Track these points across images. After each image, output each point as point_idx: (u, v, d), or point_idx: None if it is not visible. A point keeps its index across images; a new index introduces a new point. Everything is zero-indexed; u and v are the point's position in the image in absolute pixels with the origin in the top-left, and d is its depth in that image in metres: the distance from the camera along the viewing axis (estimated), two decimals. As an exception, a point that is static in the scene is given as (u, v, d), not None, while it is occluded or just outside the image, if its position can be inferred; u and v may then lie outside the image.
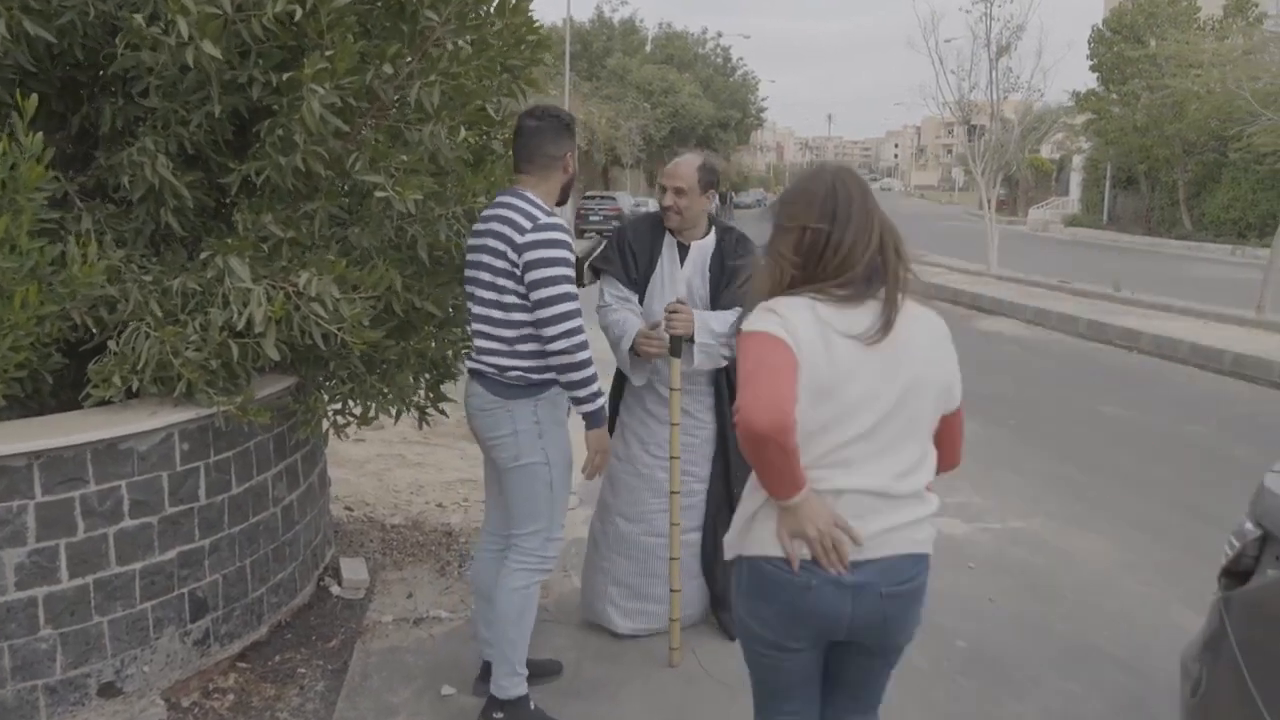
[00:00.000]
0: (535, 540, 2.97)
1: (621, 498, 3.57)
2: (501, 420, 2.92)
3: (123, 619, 2.90)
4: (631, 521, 3.55)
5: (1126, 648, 3.63)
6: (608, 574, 3.59)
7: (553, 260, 2.77)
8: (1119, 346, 10.83)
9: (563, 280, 2.78)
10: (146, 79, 2.99)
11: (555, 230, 2.81)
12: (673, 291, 3.46)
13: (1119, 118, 30.91)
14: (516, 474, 2.94)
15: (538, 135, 2.93)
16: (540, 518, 2.96)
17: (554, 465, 2.94)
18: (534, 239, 2.78)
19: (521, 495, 2.96)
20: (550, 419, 2.93)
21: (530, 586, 2.98)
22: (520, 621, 2.97)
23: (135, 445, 2.86)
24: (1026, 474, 5.91)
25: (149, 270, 3.11)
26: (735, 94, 54.91)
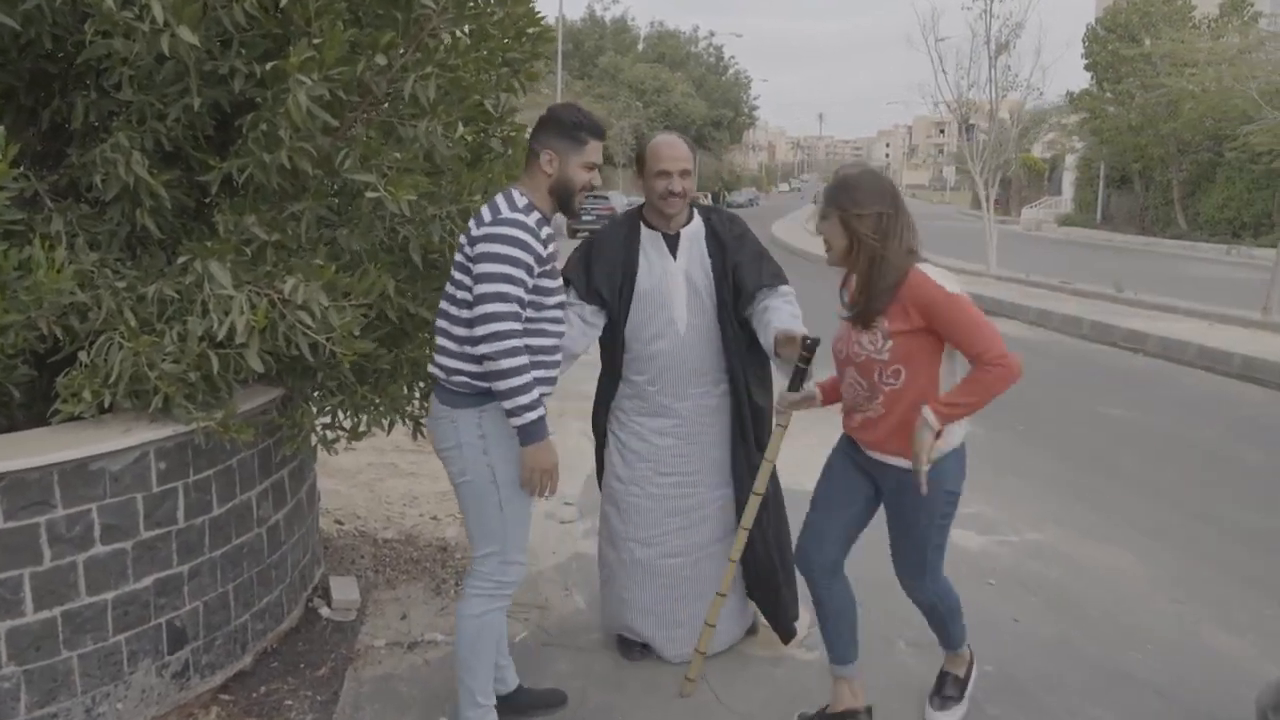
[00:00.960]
0: (489, 564, 2.75)
1: (633, 522, 3.33)
2: (447, 431, 2.71)
3: (94, 653, 2.69)
4: (647, 546, 3.32)
5: (1161, 673, 3.44)
6: (631, 605, 3.36)
7: (498, 257, 2.54)
8: (1124, 348, 10.66)
9: (501, 280, 2.53)
10: (120, 69, 2.77)
11: (512, 227, 2.56)
12: (671, 296, 3.18)
13: (1113, 117, 30.83)
14: (463, 490, 2.74)
15: (533, 129, 2.75)
16: (493, 539, 2.73)
17: (503, 484, 2.69)
18: (486, 232, 2.56)
19: (471, 514, 2.75)
20: (499, 433, 2.66)
21: (488, 614, 2.77)
22: (476, 650, 2.78)
23: (107, 465, 2.65)
24: (1038, 482, 5.73)
25: (123, 276, 2.90)
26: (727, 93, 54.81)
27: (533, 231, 2.59)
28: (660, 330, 3.19)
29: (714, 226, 3.26)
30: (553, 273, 2.74)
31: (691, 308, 3.20)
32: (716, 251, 3.22)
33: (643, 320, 3.19)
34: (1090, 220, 35.69)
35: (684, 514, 3.29)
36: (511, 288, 2.54)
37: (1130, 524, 5.01)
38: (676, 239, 3.23)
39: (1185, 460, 6.27)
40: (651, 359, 3.21)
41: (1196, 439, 6.82)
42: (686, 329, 3.19)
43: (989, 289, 15.02)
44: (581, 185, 2.72)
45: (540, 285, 2.66)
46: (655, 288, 3.18)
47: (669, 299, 3.18)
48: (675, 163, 3.10)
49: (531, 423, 2.57)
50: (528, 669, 3.32)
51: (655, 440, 3.26)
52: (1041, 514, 5.14)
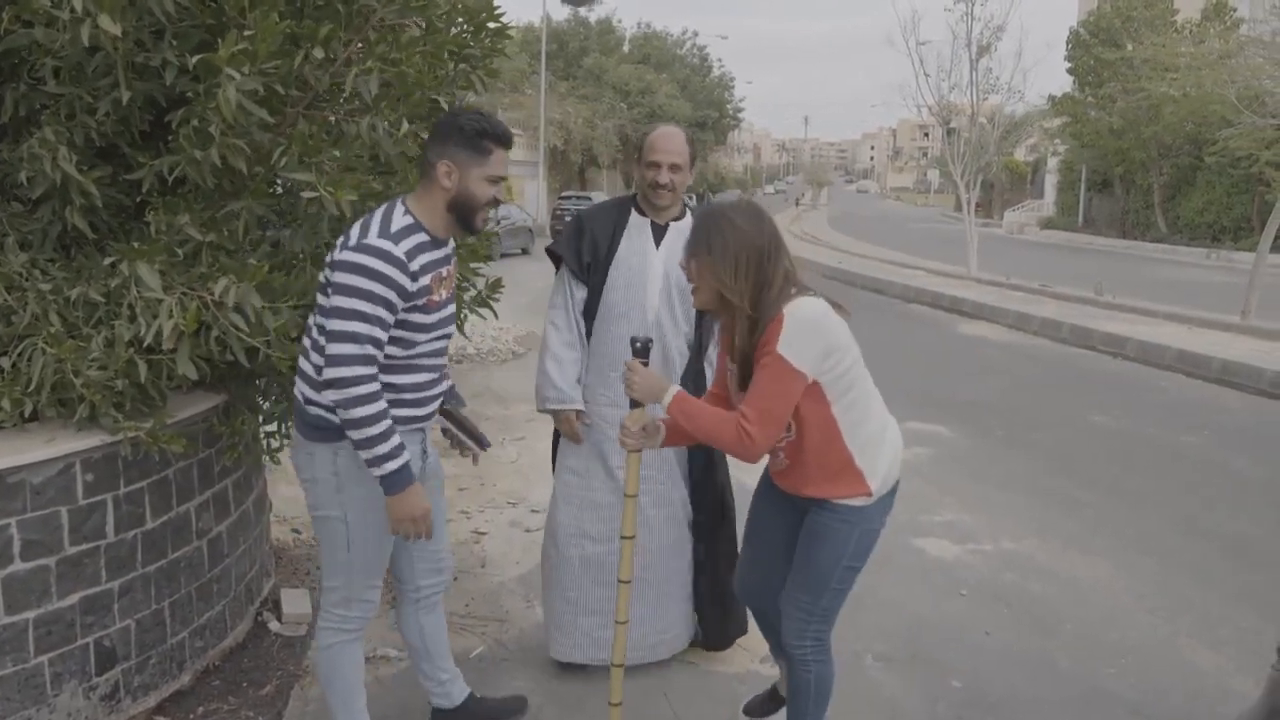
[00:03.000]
0: (334, 597, 2.57)
1: (587, 516, 3.21)
2: (303, 462, 2.49)
3: (13, 675, 2.54)
4: (600, 542, 3.20)
5: (1138, 689, 3.34)
6: (577, 604, 3.24)
7: (352, 290, 2.24)
8: (1104, 352, 10.61)
9: (354, 317, 2.23)
10: (45, 61, 2.63)
11: (372, 257, 2.24)
12: (646, 277, 3.11)
13: (1095, 120, 30.92)
14: (316, 524, 2.55)
15: (428, 136, 2.46)
16: (337, 576, 2.54)
17: (353, 525, 2.46)
18: (344, 259, 2.27)
19: (323, 548, 2.57)
20: (355, 471, 2.39)
21: (335, 646, 2.59)
22: (334, 682, 2.62)
23: (28, 477, 2.50)
24: (1016, 489, 5.63)
25: (51, 277, 2.76)
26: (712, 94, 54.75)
27: (398, 263, 2.27)
28: (628, 312, 3.12)
29: None
30: (428, 306, 2.40)
31: (664, 299, 3.14)
32: None
33: (614, 299, 3.13)
34: (1072, 223, 35.82)
35: (640, 514, 3.17)
36: (365, 326, 2.24)
37: (1109, 533, 4.92)
38: (664, 230, 3.16)
39: (1167, 467, 6.19)
40: (614, 341, 3.12)
41: (1178, 445, 6.75)
42: (655, 317, 3.12)
43: (970, 291, 14.99)
44: (485, 200, 2.41)
45: (409, 321, 2.36)
46: (633, 270, 3.13)
47: (644, 283, 3.13)
48: (666, 155, 3.04)
49: (392, 473, 2.31)
50: (483, 685, 3.18)
51: (611, 432, 3.13)
52: (1018, 522, 5.05)
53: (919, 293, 15.45)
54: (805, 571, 2.54)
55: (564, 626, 3.27)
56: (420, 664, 2.89)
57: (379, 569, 2.60)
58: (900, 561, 4.48)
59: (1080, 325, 11.45)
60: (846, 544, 2.48)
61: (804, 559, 2.54)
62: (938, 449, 6.50)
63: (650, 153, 3.08)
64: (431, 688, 2.92)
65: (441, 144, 2.37)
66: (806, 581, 2.54)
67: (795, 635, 2.57)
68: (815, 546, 2.51)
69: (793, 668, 2.61)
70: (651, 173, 3.08)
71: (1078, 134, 32.36)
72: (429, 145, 2.41)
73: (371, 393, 2.27)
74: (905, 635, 3.71)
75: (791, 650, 2.59)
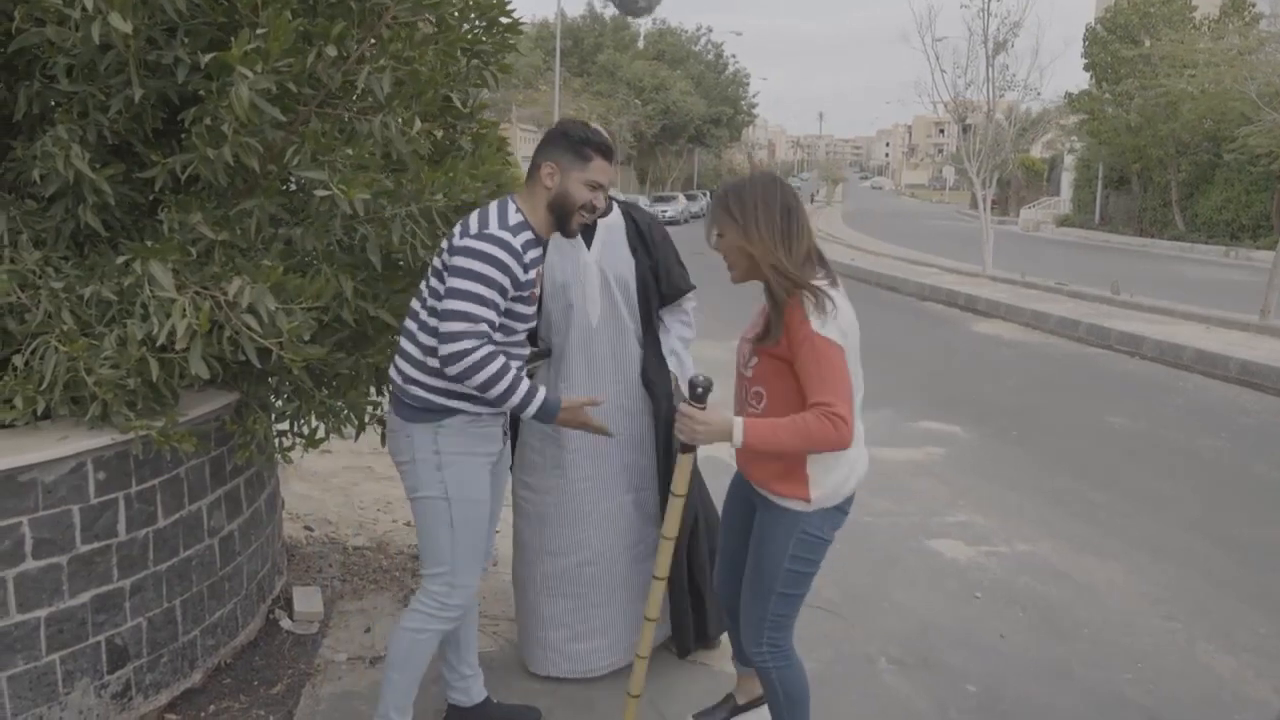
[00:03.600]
0: (437, 584, 2.62)
1: (544, 533, 3.18)
2: (402, 445, 2.60)
3: (25, 674, 2.54)
4: (562, 555, 3.17)
5: (1153, 695, 3.30)
6: (543, 619, 3.22)
7: (472, 274, 2.40)
8: (1120, 351, 10.52)
9: (472, 299, 2.39)
10: (57, 59, 2.63)
11: (494, 245, 2.42)
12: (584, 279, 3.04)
13: (1112, 117, 30.67)
14: (416, 507, 2.62)
15: (539, 143, 2.62)
16: (442, 560, 2.61)
17: (455, 501, 2.57)
18: (466, 245, 2.44)
19: (423, 532, 2.64)
20: (456, 450, 2.56)
21: (424, 632, 2.65)
22: (405, 665, 2.67)
23: (40, 476, 2.50)
24: (1031, 490, 5.59)
25: (63, 275, 2.75)
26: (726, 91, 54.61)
27: (516, 253, 2.45)
28: (570, 321, 3.07)
29: (637, 224, 3.15)
30: (529, 299, 2.59)
31: (605, 299, 3.08)
32: (640, 249, 3.13)
33: (550, 311, 3.06)
34: (1088, 221, 35.55)
35: (599, 517, 3.15)
36: (479, 308, 2.40)
37: (1126, 536, 4.87)
38: (592, 229, 3.09)
39: (1185, 469, 6.13)
40: (568, 355, 3.08)
41: (1196, 447, 6.68)
42: (600, 322, 3.08)
43: (984, 290, 14.89)
44: (582, 203, 2.56)
45: (513, 310, 2.53)
46: (568, 281, 3.06)
47: (582, 290, 3.06)
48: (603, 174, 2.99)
49: (542, 407, 2.50)
50: (492, 685, 3.17)
51: (566, 443, 3.09)
52: (1033, 524, 5.01)
53: (933, 290, 15.37)
54: (753, 576, 2.52)
55: (535, 641, 3.26)
56: (447, 654, 2.90)
57: (480, 551, 2.67)
58: (913, 563, 4.45)
59: (1097, 324, 11.36)
60: (785, 546, 2.43)
61: (752, 563, 2.52)
62: (951, 449, 6.46)
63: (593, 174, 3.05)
64: (453, 681, 2.93)
65: (548, 148, 2.56)
66: (755, 586, 2.51)
67: (752, 641, 2.55)
68: (759, 549, 2.49)
69: (760, 675, 2.61)
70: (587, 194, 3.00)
71: (1095, 131, 32.10)
72: (537, 151, 2.58)
73: (487, 354, 2.40)
74: (918, 638, 3.68)
75: (751, 656, 2.57)
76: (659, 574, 2.60)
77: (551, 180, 2.54)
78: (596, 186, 2.57)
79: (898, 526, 4.94)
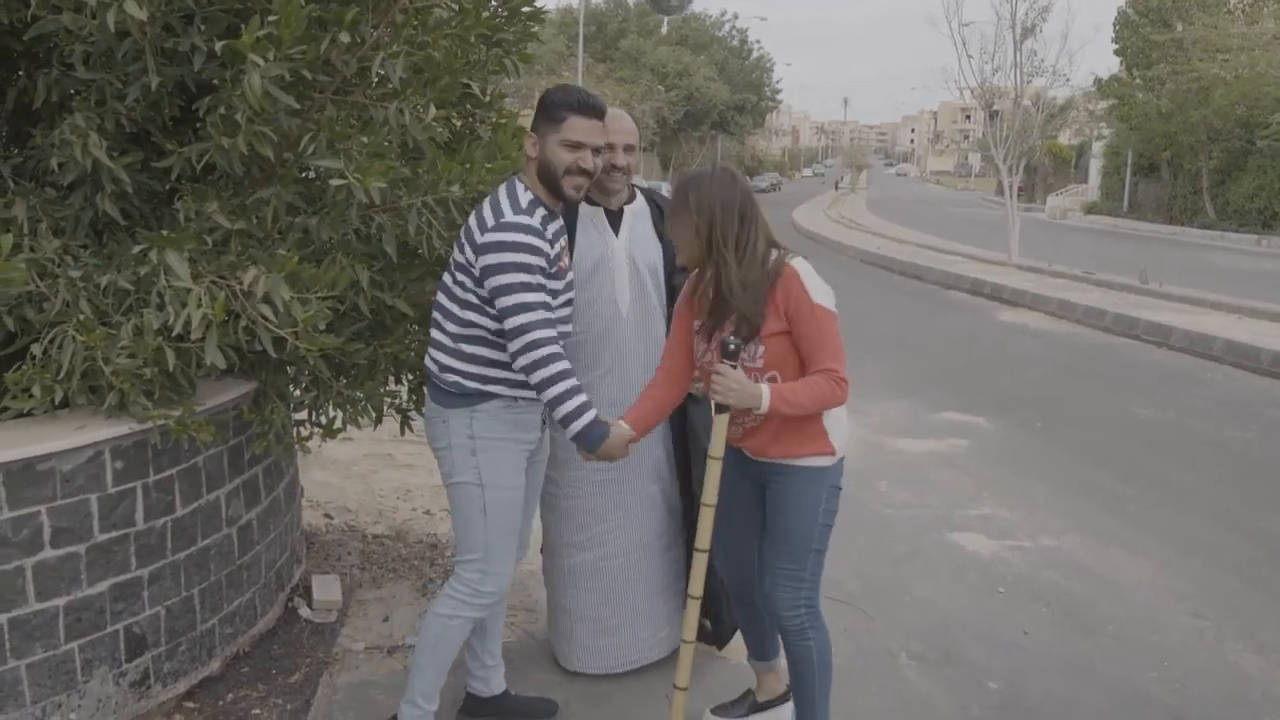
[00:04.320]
0: (471, 570, 2.63)
1: (568, 526, 3.16)
2: (439, 431, 2.61)
3: (44, 662, 2.55)
4: (585, 550, 3.15)
5: (1179, 694, 3.25)
6: (571, 613, 3.21)
7: (510, 266, 2.41)
8: (1148, 342, 10.37)
9: (521, 289, 2.41)
10: (74, 46, 2.62)
11: (517, 232, 2.43)
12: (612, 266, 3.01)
13: (1142, 103, 30.20)
14: (451, 493, 2.64)
15: None
16: (476, 546, 2.62)
17: (489, 487, 2.58)
18: (490, 240, 2.44)
19: (457, 518, 2.64)
20: (491, 435, 2.58)
21: (455, 619, 2.65)
22: (435, 650, 2.67)
23: (57, 465, 2.51)
24: (1056, 483, 5.51)
25: (81, 264, 2.75)
26: (750, 77, 54.26)
27: (537, 231, 2.46)
28: (600, 311, 3.03)
29: (661, 210, 3.11)
30: (559, 273, 2.58)
31: (634, 288, 3.05)
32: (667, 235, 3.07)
33: (585, 301, 3.02)
34: (1117, 208, 35.08)
35: (625, 510, 3.12)
36: (532, 295, 2.41)
37: (1152, 530, 4.79)
38: (619, 216, 3.07)
39: (1213, 462, 6.02)
40: (593, 342, 3.04)
41: (1226, 440, 6.57)
42: (629, 310, 3.04)
43: (1010, 279, 14.73)
44: (564, 166, 2.51)
45: (548, 287, 2.52)
46: (598, 266, 3.02)
47: (611, 278, 3.03)
48: (620, 136, 2.94)
49: (579, 433, 2.46)
50: (508, 676, 3.16)
51: None
52: (1058, 518, 4.94)
53: (958, 279, 15.21)
54: (784, 541, 2.58)
55: (564, 634, 3.25)
56: (472, 642, 2.90)
57: (513, 536, 2.67)
58: (935, 556, 4.40)
59: (1124, 314, 11.20)
60: (818, 504, 2.55)
61: (780, 529, 2.58)
62: (975, 440, 6.38)
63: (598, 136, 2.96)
64: (474, 669, 2.93)
65: (534, 120, 2.55)
66: (789, 550, 2.58)
67: (788, 606, 2.59)
68: (788, 514, 2.56)
69: (791, 643, 2.63)
70: (607, 155, 2.93)
71: (1124, 117, 31.61)
72: (534, 121, 2.56)
73: (554, 353, 2.42)
74: (939, 633, 3.64)
75: (787, 623, 2.61)
76: (701, 545, 2.57)
77: (534, 150, 2.53)
78: (577, 145, 2.51)
79: (919, 519, 4.88)
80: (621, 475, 3.10)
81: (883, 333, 10.20)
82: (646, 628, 3.22)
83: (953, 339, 10.44)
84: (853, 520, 4.70)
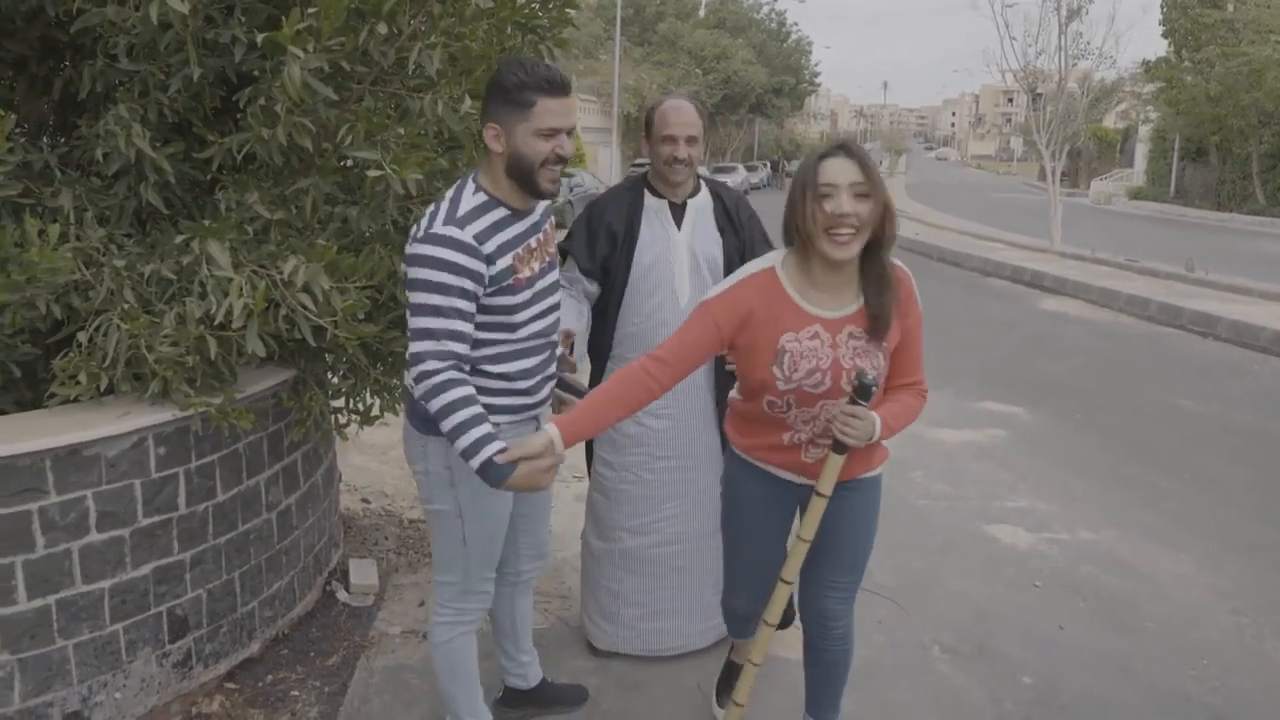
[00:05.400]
0: (449, 591, 2.53)
1: (624, 510, 3.17)
2: (417, 453, 2.41)
3: (90, 642, 2.62)
4: (640, 535, 3.17)
5: (1218, 693, 3.20)
6: (620, 596, 3.23)
7: (416, 283, 2.15)
8: (1193, 332, 10.19)
9: (428, 313, 2.14)
10: (118, 38, 2.66)
11: (433, 245, 2.13)
12: (673, 260, 3.01)
13: (1191, 86, 29.54)
14: (429, 515, 2.50)
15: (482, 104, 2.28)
16: (454, 569, 2.50)
17: (468, 519, 2.41)
18: (411, 252, 2.18)
19: (437, 542, 2.52)
20: (469, 469, 2.21)
21: (453, 640, 2.56)
22: (454, 677, 2.59)
23: (102, 451, 2.56)
24: (1096, 476, 5.44)
25: (126, 253, 2.80)
26: (789, 60, 53.81)
27: (468, 249, 2.14)
28: (661, 302, 3.04)
29: (724, 203, 3.12)
30: (514, 287, 2.27)
31: (694, 281, 3.06)
32: (728, 229, 3.10)
33: (644, 293, 3.03)
34: (1163, 194, 34.39)
35: (681, 498, 3.13)
36: (439, 321, 2.14)
37: (1193, 526, 4.72)
38: (683, 209, 3.07)
39: (1258, 456, 5.91)
40: (649, 334, 3.04)
41: (1271, 433, 6.43)
42: (688, 303, 3.03)
43: (1051, 265, 14.52)
44: (542, 158, 2.19)
45: (497, 305, 2.25)
46: (658, 260, 3.03)
47: (671, 271, 3.04)
48: (682, 128, 2.91)
49: (480, 469, 2.13)
50: (546, 663, 3.19)
51: (649, 422, 3.08)
52: (1096, 511, 4.88)
53: (998, 266, 15.02)
54: (850, 556, 2.51)
55: (609, 616, 3.26)
56: (503, 643, 2.89)
57: (494, 559, 2.55)
58: (970, 550, 4.37)
59: (1169, 303, 11.00)
60: (878, 510, 2.50)
61: (846, 547, 2.48)
62: (1013, 431, 6.32)
63: (664, 127, 2.91)
64: (511, 668, 2.93)
65: (488, 106, 2.21)
66: (853, 564, 2.52)
67: (841, 616, 2.56)
68: (862, 528, 2.49)
69: (832, 647, 2.58)
70: (668, 148, 2.92)
71: (1172, 100, 30.93)
72: (487, 111, 2.23)
73: (447, 380, 2.14)
74: (974, 627, 3.62)
75: (834, 630, 2.56)
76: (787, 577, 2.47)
77: (498, 143, 2.19)
78: (552, 133, 2.18)
79: (955, 511, 4.85)
80: (679, 464, 3.11)
81: (920, 321, 10.09)
82: (694, 616, 3.24)
83: (991, 327, 10.32)
84: (887, 511, 4.61)
